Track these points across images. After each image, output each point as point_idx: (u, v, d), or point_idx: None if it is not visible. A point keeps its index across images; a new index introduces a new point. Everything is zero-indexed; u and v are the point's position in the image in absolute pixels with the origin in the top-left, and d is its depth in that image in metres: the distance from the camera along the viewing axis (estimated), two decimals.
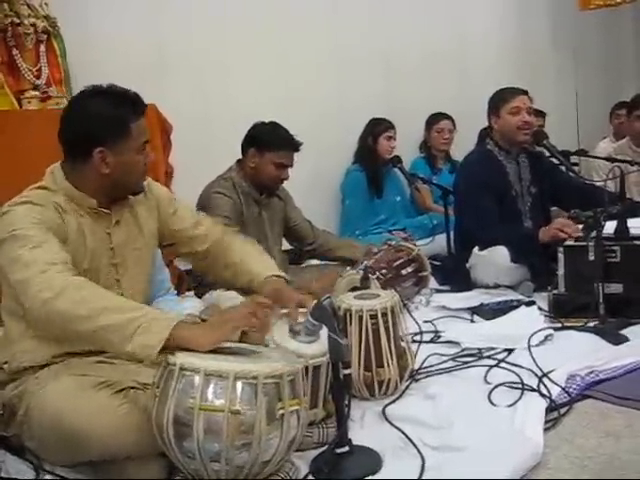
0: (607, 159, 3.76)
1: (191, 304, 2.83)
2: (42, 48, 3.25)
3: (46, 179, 1.90)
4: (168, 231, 2.10)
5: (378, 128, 4.56)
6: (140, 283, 2.01)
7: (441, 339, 2.68)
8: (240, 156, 3.24)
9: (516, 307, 2.94)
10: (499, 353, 2.45)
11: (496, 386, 2.15)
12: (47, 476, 1.77)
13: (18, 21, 3.14)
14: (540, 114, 4.96)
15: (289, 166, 3.15)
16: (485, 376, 2.26)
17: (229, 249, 2.16)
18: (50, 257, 1.68)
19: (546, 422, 1.89)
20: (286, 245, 3.59)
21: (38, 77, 3.23)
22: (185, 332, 1.60)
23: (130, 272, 1.97)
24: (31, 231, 1.72)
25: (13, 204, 1.79)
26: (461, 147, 4.64)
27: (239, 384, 1.53)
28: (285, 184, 3.41)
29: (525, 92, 3.43)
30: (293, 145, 3.12)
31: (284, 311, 1.93)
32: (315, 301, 1.80)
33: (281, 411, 1.57)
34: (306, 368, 1.81)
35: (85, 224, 1.88)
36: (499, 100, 3.42)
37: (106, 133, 1.83)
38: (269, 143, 3.11)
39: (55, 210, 1.81)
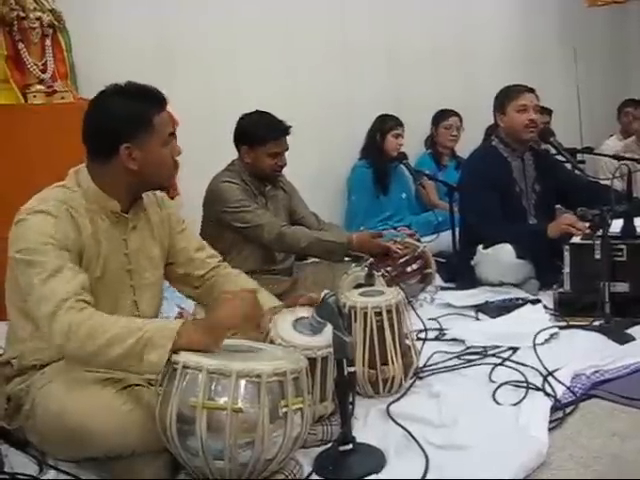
0: (614, 157, 3.74)
1: None
2: (48, 42, 3.25)
3: (68, 179, 1.87)
4: (173, 248, 2.09)
5: (386, 125, 4.54)
6: (154, 289, 2.00)
7: (446, 337, 2.67)
8: None
9: (521, 305, 2.93)
10: (504, 351, 2.44)
11: (501, 385, 2.14)
12: (50, 471, 1.77)
13: (24, 15, 3.14)
14: (546, 111, 4.93)
15: (283, 152, 3.08)
16: (490, 374, 2.25)
17: (227, 279, 2.13)
18: (63, 291, 1.66)
19: (551, 421, 1.89)
20: None
21: (44, 71, 3.22)
22: (191, 338, 1.63)
23: (144, 279, 1.96)
24: (45, 256, 1.69)
25: (29, 211, 1.76)
26: (466, 143, 4.63)
27: (242, 382, 1.53)
28: (291, 178, 3.38)
29: (532, 90, 3.39)
30: (281, 131, 3.05)
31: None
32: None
33: (285, 409, 1.56)
34: (314, 360, 1.81)
35: (101, 228, 1.85)
36: (505, 97, 3.39)
37: (130, 129, 1.81)
38: (258, 138, 3.03)
39: (69, 218, 1.77)
